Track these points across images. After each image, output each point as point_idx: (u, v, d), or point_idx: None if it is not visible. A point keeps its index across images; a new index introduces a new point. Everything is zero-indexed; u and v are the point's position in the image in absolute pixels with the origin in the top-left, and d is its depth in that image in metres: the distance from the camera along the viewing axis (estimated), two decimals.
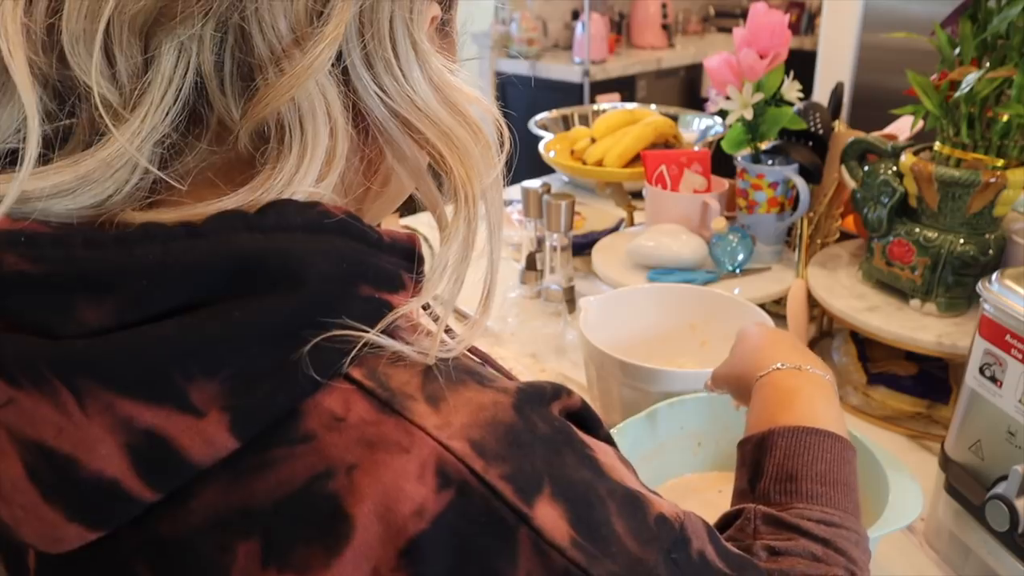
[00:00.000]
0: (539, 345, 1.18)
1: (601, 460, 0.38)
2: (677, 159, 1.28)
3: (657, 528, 0.37)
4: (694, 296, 1.01)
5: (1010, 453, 0.68)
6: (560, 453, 0.36)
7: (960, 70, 0.91)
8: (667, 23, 3.91)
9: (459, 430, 0.34)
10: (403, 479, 0.32)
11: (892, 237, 1.01)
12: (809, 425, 0.57)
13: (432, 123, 0.38)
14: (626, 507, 0.37)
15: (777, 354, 0.66)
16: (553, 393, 0.39)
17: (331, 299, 0.34)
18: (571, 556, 0.34)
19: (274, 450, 0.33)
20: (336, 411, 0.33)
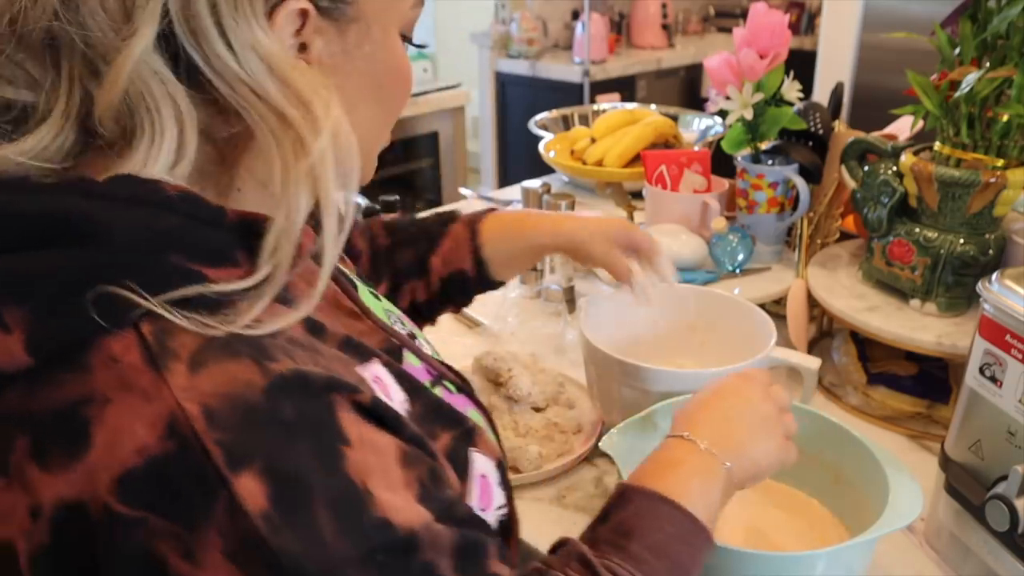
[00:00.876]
0: (539, 345, 1.18)
1: (349, 456, 0.41)
2: (677, 159, 1.28)
3: (372, 529, 0.41)
4: (694, 296, 1.01)
5: (1010, 453, 0.68)
6: (292, 439, 0.40)
7: (960, 70, 0.91)
8: (667, 23, 3.91)
9: (198, 395, 0.39)
10: (137, 422, 0.39)
11: (892, 237, 1.01)
12: (670, 498, 0.58)
13: (263, 102, 0.43)
14: (339, 502, 0.40)
15: (700, 421, 0.65)
16: (326, 385, 0.43)
17: (129, 260, 0.41)
18: (255, 524, 0.38)
19: (60, 373, 0.40)
20: (115, 353, 0.40)
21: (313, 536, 0.39)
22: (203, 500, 0.38)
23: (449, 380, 0.63)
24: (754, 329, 0.93)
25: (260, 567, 0.38)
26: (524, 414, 0.95)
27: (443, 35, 4.49)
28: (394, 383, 0.53)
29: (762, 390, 0.68)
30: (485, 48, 3.72)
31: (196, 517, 0.38)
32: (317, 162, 0.43)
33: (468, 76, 3.73)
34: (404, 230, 0.89)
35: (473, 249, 0.86)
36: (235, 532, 0.38)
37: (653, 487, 0.59)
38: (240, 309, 0.42)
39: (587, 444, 0.93)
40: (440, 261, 0.87)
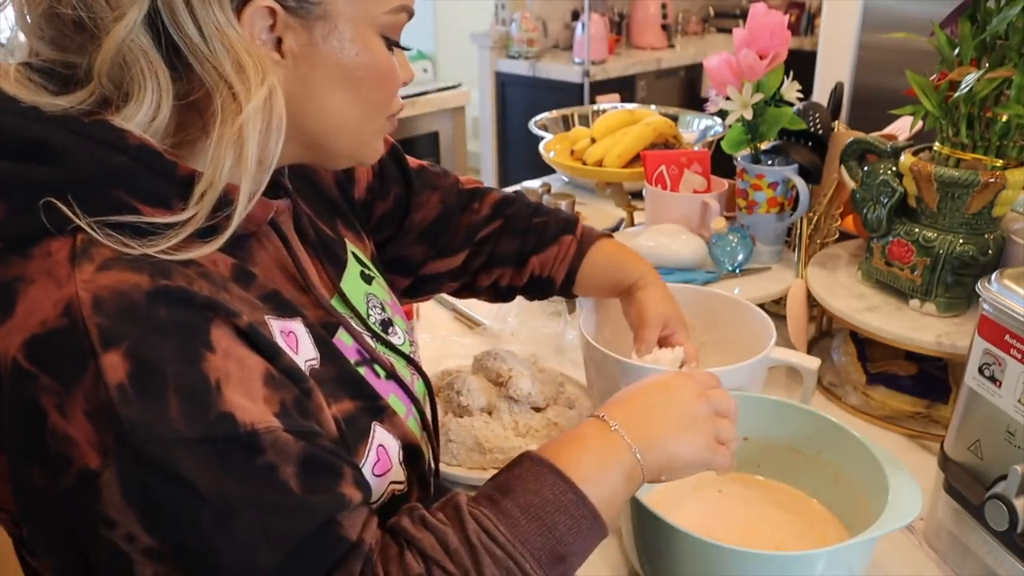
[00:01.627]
0: (539, 345, 1.18)
1: (209, 359, 0.50)
2: (677, 159, 1.28)
3: (214, 419, 0.49)
4: (694, 296, 1.01)
5: (1009, 453, 0.68)
6: (162, 335, 0.49)
7: (959, 70, 0.91)
8: (667, 23, 3.91)
9: (94, 288, 0.49)
10: (47, 301, 0.49)
11: (891, 237, 1.01)
12: (558, 467, 0.58)
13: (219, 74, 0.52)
14: (188, 391, 0.48)
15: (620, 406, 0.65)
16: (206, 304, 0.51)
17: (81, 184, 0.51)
18: (111, 393, 0.47)
19: (11, 256, 0.51)
20: (51, 250, 0.50)
21: (157, 412, 0.47)
22: (77, 367, 0.47)
23: (380, 365, 0.68)
24: (754, 329, 0.93)
25: (107, 429, 0.47)
26: (524, 414, 0.96)
27: (443, 35, 4.48)
28: (310, 343, 0.61)
29: (696, 390, 0.66)
30: (485, 48, 3.72)
31: (71, 379, 0.48)
32: (245, 123, 0.52)
33: (468, 76, 3.73)
34: (518, 218, 0.95)
35: (571, 267, 0.93)
36: (95, 397, 0.47)
37: (545, 455, 0.60)
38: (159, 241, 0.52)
39: None
40: (539, 263, 0.94)
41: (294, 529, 0.50)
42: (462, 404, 0.95)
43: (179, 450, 0.47)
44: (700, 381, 0.68)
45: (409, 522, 0.56)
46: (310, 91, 0.58)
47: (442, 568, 0.53)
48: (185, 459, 0.47)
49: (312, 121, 0.60)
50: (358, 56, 0.59)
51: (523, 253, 0.93)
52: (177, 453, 0.47)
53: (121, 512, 0.47)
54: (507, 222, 0.94)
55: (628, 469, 0.61)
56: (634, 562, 0.77)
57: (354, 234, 0.80)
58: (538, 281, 0.94)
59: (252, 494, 0.49)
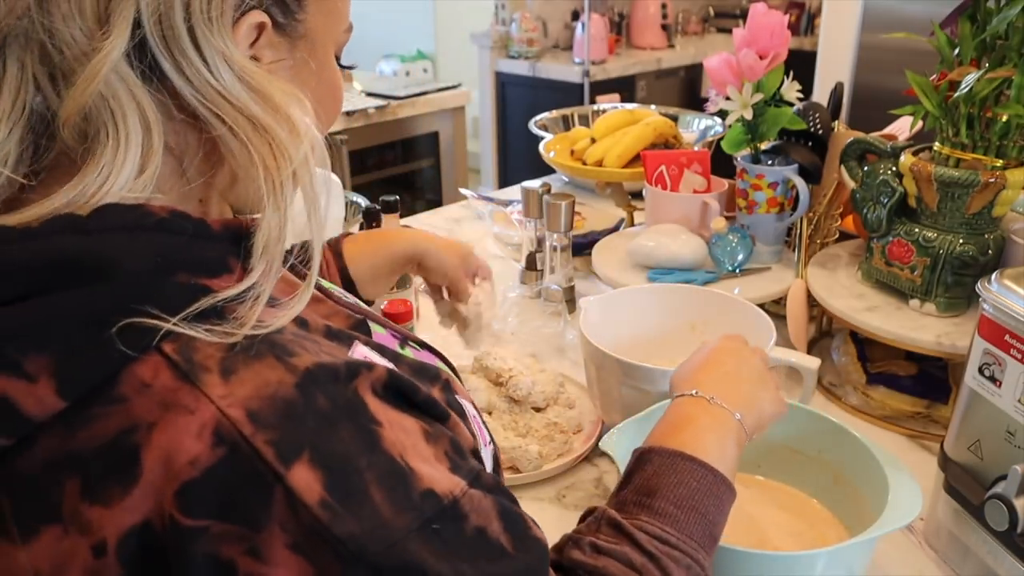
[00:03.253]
0: (539, 345, 1.18)
1: (384, 435, 0.43)
2: (677, 159, 1.28)
3: (420, 500, 0.42)
4: (694, 296, 1.01)
5: (1009, 453, 0.68)
6: (334, 427, 0.42)
7: (959, 70, 0.91)
8: (667, 23, 3.91)
9: (240, 400, 0.41)
10: (185, 435, 0.40)
11: (891, 237, 1.01)
12: (688, 452, 0.60)
13: (236, 110, 0.44)
14: (388, 479, 0.42)
15: (703, 379, 0.69)
16: (349, 372, 0.44)
17: (143, 288, 0.42)
18: (316, 514, 0.40)
19: (94, 408, 0.41)
20: (145, 379, 0.41)
21: (372, 515, 0.41)
22: (261, 499, 0.40)
23: (412, 340, 0.65)
24: (754, 329, 0.93)
25: (326, 554, 0.39)
26: (524, 414, 0.96)
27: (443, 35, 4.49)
28: (378, 357, 0.54)
29: (749, 348, 0.74)
30: (485, 48, 3.72)
31: (257, 516, 0.39)
32: (300, 166, 0.45)
33: (468, 76, 3.73)
34: None
35: (340, 270, 0.87)
36: (297, 524, 0.39)
37: (670, 445, 0.61)
38: (243, 312, 0.44)
39: (587, 444, 0.93)
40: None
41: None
42: None
43: (412, 545, 0.41)
44: (745, 341, 0.75)
45: (582, 554, 0.54)
46: None
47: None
48: (422, 551, 0.41)
49: None
50: (327, 78, 0.54)
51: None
52: (411, 550, 0.41)
53: None
54: None
55: (736, 434, 0.65)
56: None
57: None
58: None
59: (480, 567, 0.44)
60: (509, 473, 0.89)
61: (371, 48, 4.49)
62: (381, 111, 2.97)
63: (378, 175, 3.14)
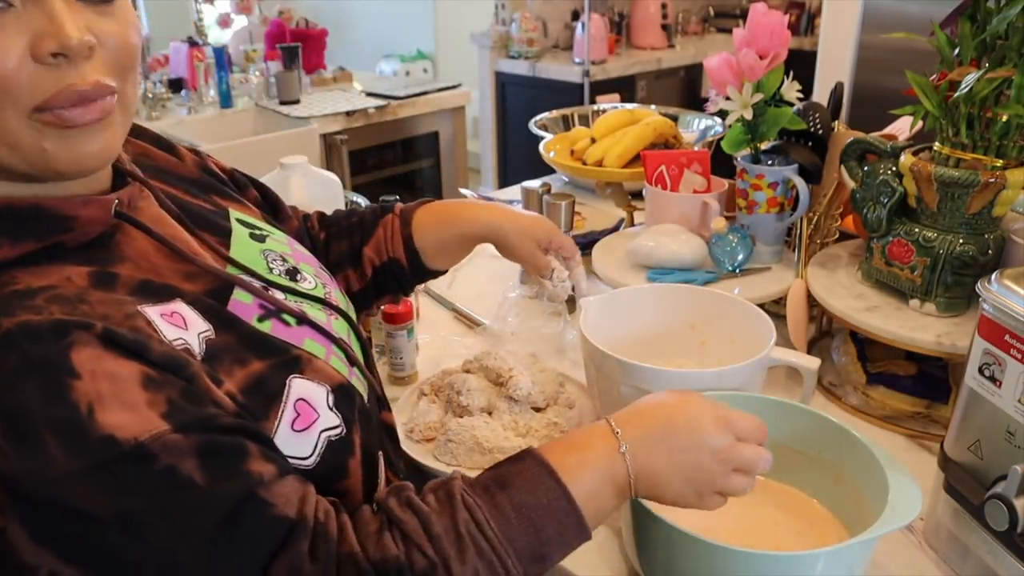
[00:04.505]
0: (539, 345, 1.18)
1: (76, 387, 0.49)
2: (677, 159, 1.28)
3: (96, 445, 0.48)
4: (694, 296, 1.01)
5: (1009, 453, 0.68)
6: (20, 381, 0.48)
7: (959, 70, 0.91)
8: (667, 23, 3.92)
9: None
10: None
11: (891, 237, 1.01)
12: (559, 474, 0.60)
13: None
14: (63, 426, 0.48)
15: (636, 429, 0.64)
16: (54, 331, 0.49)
17: None
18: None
19: None
20: None
21: (39, 456, 0.47)
22: None
23: (289, 313, 0.67)
24: (754, 329, 0.93)
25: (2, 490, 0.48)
26: (524, 414, 0.96)
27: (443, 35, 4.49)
28: (198, 317, 0.60)
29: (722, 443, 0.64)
30: (485, 48, 3.72)
31: None
32: None
33: (468, 76, 3.73)
34: (338, 223, 0.94)
35: (405, 238, 0.91)
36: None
37: (549, 458, 0.61)
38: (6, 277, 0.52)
39: None
40: (373, 251, 0.91)
41: (206, 520, 0.50)
42: (462, 404, 0.95)
43: (69, 485, 0.48)
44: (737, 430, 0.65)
45: (395, 502, 0.57)
46: None
47: (422, 552, 0.54)
48: (79, 491, 0.48)
49: None
50: None
51: (354, 249, 0.92)
52: (67, 489, 0.48)
53: (37, 555, 0.49)
54: (330, 231, 0.94)
55: (622, 488, 0.63)
56: (634, 562, 0.77)
57: (236, 202, 0.79)
58: (383, 270, 0.92)
59: (154, 501, 0.50)
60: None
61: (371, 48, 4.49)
62: (381, 111, 2.97)
63: (378, 175, 3.14)
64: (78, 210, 0.57)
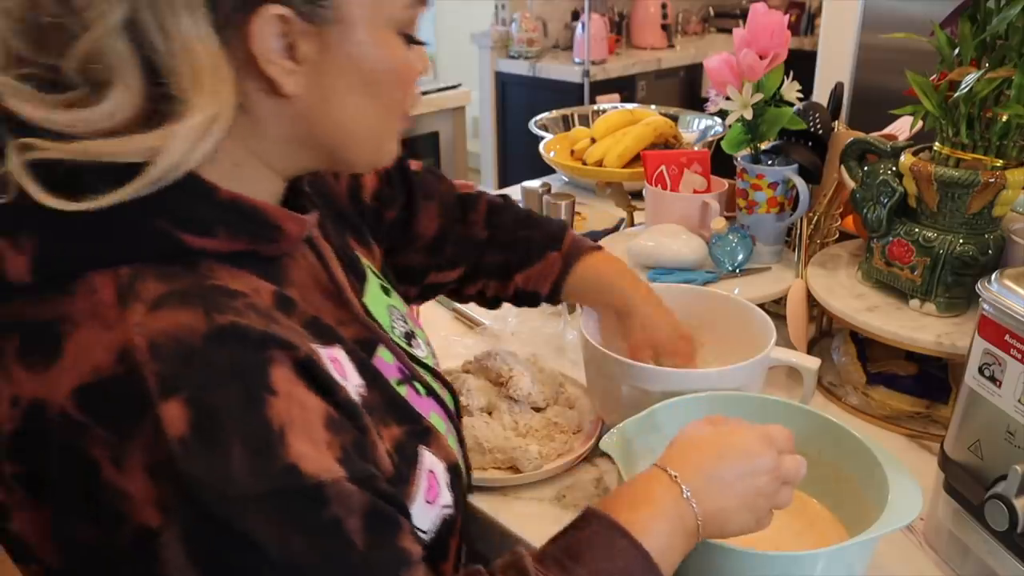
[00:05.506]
0: (539, 345, 1.18)
1: (272, 404, 0.47)
2: (677, 159, 1.28)
3: (279, 472, 0.46)
4: (694, 296, 1.01)
5: (1009, 453, 0.68)
6: (222, 382, 0.46)
7: (959, 70, 0.91)
8: (667, 23, 3.92)
9: (149, 332, 0.46)
10: (98, 345, 0.46)
11: (891, 237, 1.01)
12: (631, 532, 0.57)
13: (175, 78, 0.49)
14: (255, 442, 0.45)
15: (693, 468, 0.63)
16: (261, 340, 0.48)
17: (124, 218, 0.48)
18: (172, 447, 0.44)
19: (51, 293, 0.48)
20: (95, 287, 0.48)
21: (221, 466, 0.44)
22: (135, 418, 0.45)
23: (420, 382, 0.66)
24: (754, 329, 0.93)
25: (168, 485, 0.44)
26: (524, 414, 0.95)
27: (443, 35, 4.49)
28: (353, 369, 0.58)
29: (772, 462, 0.65)
30: (485, 48, 3.72)
31: (127, 431, 0.45)
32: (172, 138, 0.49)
33: (468, 76, 3.73)
34: (505, 230, 0.93)
35: (556, 282, 0.92)
36: (155, 450, 0.44)
37: (616, 517, 0.58)
38: (215, 269, 0.51)
39: (587, 444, 0.93)
40: (524, 279, 0.93)
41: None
42: (462, 404, 0.95)
43: (246, 508, 0.45)
44: (780, 445, 0.66)
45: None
46: (328, 97, 0.55)
47: None
48: (252, 517, 0.45)
49: (330, 127, 0.57)
50: (376, 58, 0.56)
51: (508, 267, 0.92)
52: (244, 511, 0.45)
53: (183, 571, 0.45)
54: (494, 234, 0.93)
55: (691, 535, 0.61)
56: None
57: (364, 248, 0.78)
58: (522, 294, 0.94)
59: (318, 551, 0.46)
60: (509, 473, 0.89)
61: None
62: None
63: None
64: (287, 223, 0.56)
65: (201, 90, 0.49)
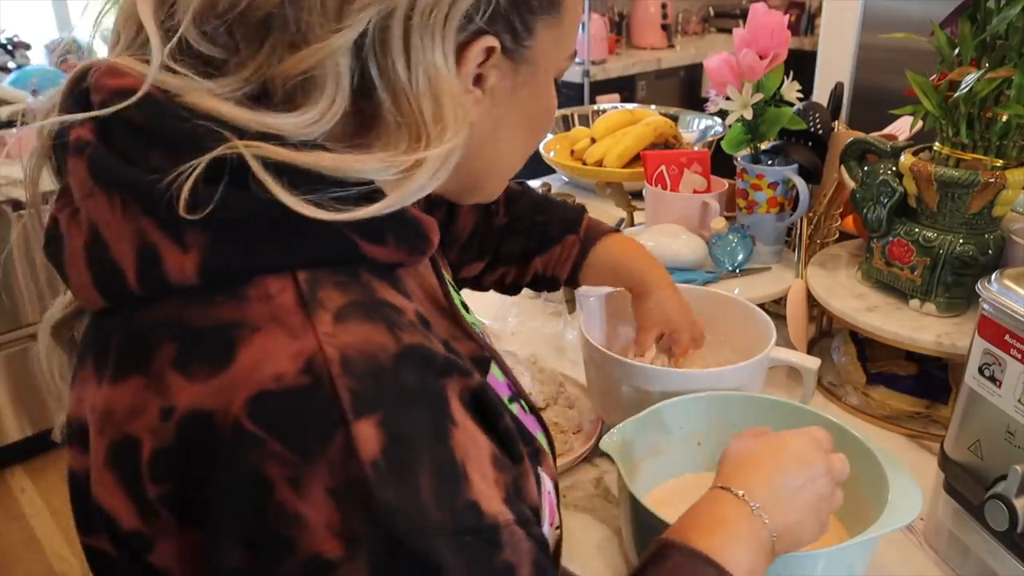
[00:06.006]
0: (539, 345, 1.18)
1: (454, 434, 0.44)
2: (677, 159, 1.28)
3: (463, 507, 0.42)
4: (694, 296, 1.01)
5: (1009, 453, 0.68)
6: (412, 405, 0.43)
7: (959, 70, 0.91)
8: (667, 23, 3.91)
9: (340, 344, 0.42)
10: (281, 352, 0.42)
11: (891, 237, 1.01)
12: (713, 559, 0.55)
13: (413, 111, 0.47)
14: (441, 473, 0.42)
15: (757, 483, 0.61)
16: (444, 366, 0.46)
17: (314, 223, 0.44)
18: (365, 469, 0.40)
19: (219, 296, 0.44)
20: (271, 291, 0.44)
21: (413, 496, 0.40)
22: (322, 434, 0.40)
23: (524, 399, 0.64)
24: (754, 329, 0.93)
25: (358, 510, 0.40)
26: None
27: None
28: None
29: (827, 463, 0.65)
30: None
31: (311, 449, 0.40)
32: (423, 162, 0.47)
33: None
34: (523, 217, 0.94)
35: (575, 265, 0.93)
36: (343, 471, 0.40)
37: (696, 545, 0.56)
38: (372, 280, 0.47)
39: (587, 444, 0.93)
40: (542, 263, 0.93)
41: None
42: None
43: (438, 542, 0.40)
44: (826, 447, 0.66)
45: None
46: (497, 129, 0.55)
47: None
48: (444, 552, 0.40)
49: (487, 157, 0.57)
50: (542, 101, 0.57)
51: (527, 253, 0.93)
52: (436, 545, 0.40)
53: None
54: (512, 221, 0.93)
55: (768, 552, 0.60)
56: (634, 562, 0.77)
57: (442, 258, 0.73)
58: (542, 279, 0.94)
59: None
60: None
61: None
62: None
63: None
64: (433, 234, 0.52)
65: (443, 118, 0.47)
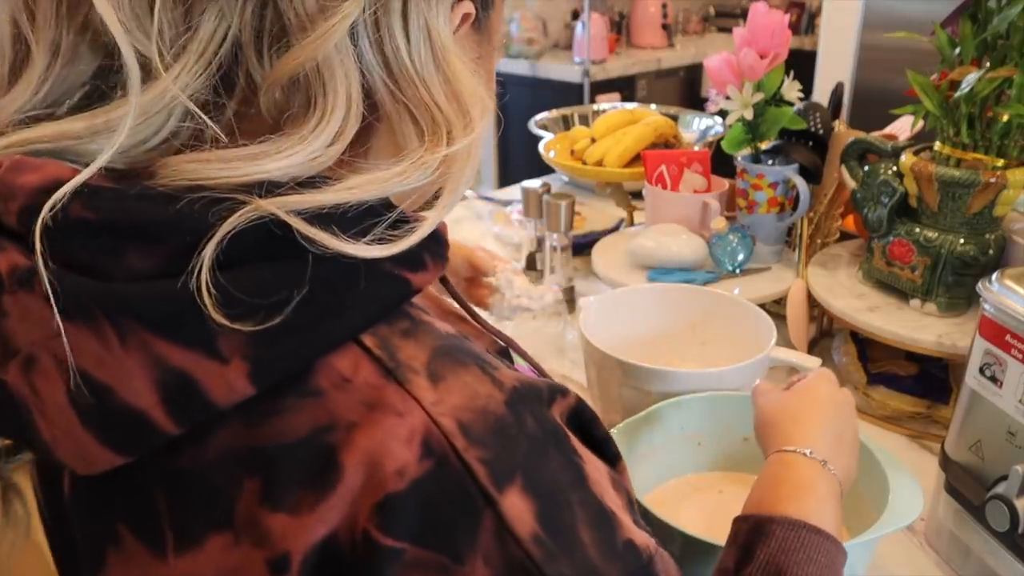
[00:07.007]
0: (539, 345, 1.18)
1: (587, 471, 0.38)
2: (677, 159, 1.28)
3: (624, 551, 0.37)
4: (694, 296, 1.01)
5: (1010, 453, 0.68)
6: (545, 453, 0.37)
7: (960, 70, 0.91)
8: (667, 23, 3.91)
9: (450, 409, 0.36)
10: (393, 440, 0.35)
11: (892, 237, 1.01)
12: (814, 524, 0.55)
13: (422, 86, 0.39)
14: (596, 520, 0.37)
15: (817, 437, 0.62)
16: (549, 394, 0.40)
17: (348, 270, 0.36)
18: (528, 549, 0.34)
19: (286, 400, 0.35)
20: (345, 372, 0.36)
21: (583, 559, 0.35)
22: (468, 524, 0.34)
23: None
24: (754, 329, 0.93)
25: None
26: None
27: None
28: None
29: (850, 396, 0.68)
30: None
31: (461, 545, 0.34)
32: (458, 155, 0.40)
33: None
34: None
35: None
36: (503, 558, 0.34)
37: (793, 514, 0.55)
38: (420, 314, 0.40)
39: None
40: None
41: None
42: None
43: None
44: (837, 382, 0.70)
45: None
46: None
47: None
48: None
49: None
50: (492, 77, 0.49)
51: None
52: None
53: None
54: None
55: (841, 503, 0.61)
56: None
57: None
58: None
59: None
60: None
61: None
62: None
63: None
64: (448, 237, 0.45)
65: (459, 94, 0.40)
